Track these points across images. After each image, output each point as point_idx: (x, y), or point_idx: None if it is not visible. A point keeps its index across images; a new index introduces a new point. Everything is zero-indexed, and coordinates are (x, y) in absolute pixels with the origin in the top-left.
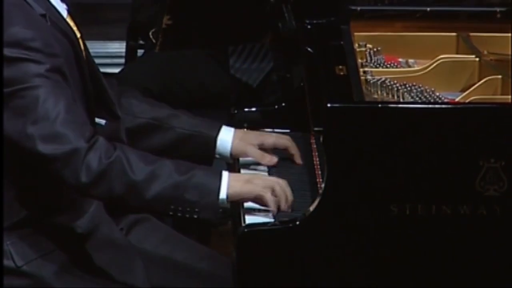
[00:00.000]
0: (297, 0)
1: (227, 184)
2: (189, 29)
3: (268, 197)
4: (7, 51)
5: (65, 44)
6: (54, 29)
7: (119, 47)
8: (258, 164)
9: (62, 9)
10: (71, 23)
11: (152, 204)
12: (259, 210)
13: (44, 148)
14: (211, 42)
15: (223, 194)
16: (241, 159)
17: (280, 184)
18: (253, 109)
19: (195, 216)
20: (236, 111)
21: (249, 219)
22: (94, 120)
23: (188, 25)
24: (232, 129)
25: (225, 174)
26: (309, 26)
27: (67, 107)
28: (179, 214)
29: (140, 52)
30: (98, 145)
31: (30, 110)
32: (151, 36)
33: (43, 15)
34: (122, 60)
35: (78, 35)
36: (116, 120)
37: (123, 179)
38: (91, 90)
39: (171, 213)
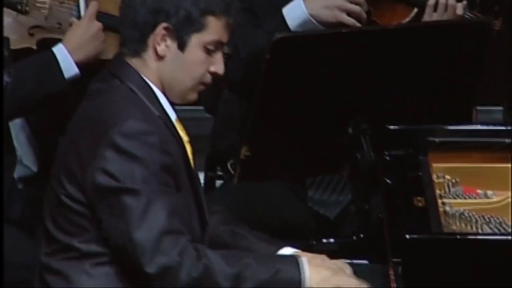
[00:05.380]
0: (375, 131)
1: (309, 276)
2: (267, 161)
3: None
4: (123, 142)
5: (176, 147)
6: (167, 130)
7: None
8: None
9: (172, 112)
10: (179, 127)
11: None
12: None
13: (144, 259)
14: (290, 174)
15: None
16: None
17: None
18: (331, 240)
19: None
20: (314, 242)
21: None
22: (205, 224)
23: (266, 156)
24: (291, 250)
25: (305, 265)
26: (387, 158)
27: (169, 215)
28: None
29: (218, 183)
30: (187, 256)
31: (134, 214)
32: (229, 167)
33: (158, 117)
34: None
35: (186, 139)
36: (205, 229)
37: None
38: (201, 194)
39: None
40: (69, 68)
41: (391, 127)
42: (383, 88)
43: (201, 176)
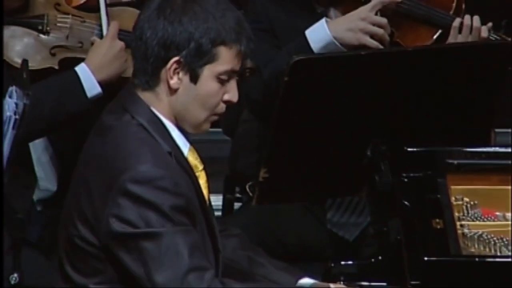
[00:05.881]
0: (393, 153)
1: None
2: (286, 183)
3: None
4: (135, 188)
5: (188, 182)
6: (178, 167)
7: (215, 200)
8: None
9: (184, 145)
10: (192, 157)
11: None
12: None
13: None
14: (308, 196)
15: None
16: None
17: None
18: (350, 262)
19: None
20: (333, 265)
21: None
22: (218, 253)
23: (285, 178)
24: (310, 281)
25: None
26: (406, 180)
27: (190, 253)
28: None
29: (237, 205)
30: None
31: (153, 257)
32: (248, 189)
33: (169, 153)
34: (219, 213)
35: (200, 167)
36: (218, 257)
37: None
38: (215, 227)
39: None
40: (92, 87)
41: (410, 149)
42: (402, 110)
43: (219, 198)
